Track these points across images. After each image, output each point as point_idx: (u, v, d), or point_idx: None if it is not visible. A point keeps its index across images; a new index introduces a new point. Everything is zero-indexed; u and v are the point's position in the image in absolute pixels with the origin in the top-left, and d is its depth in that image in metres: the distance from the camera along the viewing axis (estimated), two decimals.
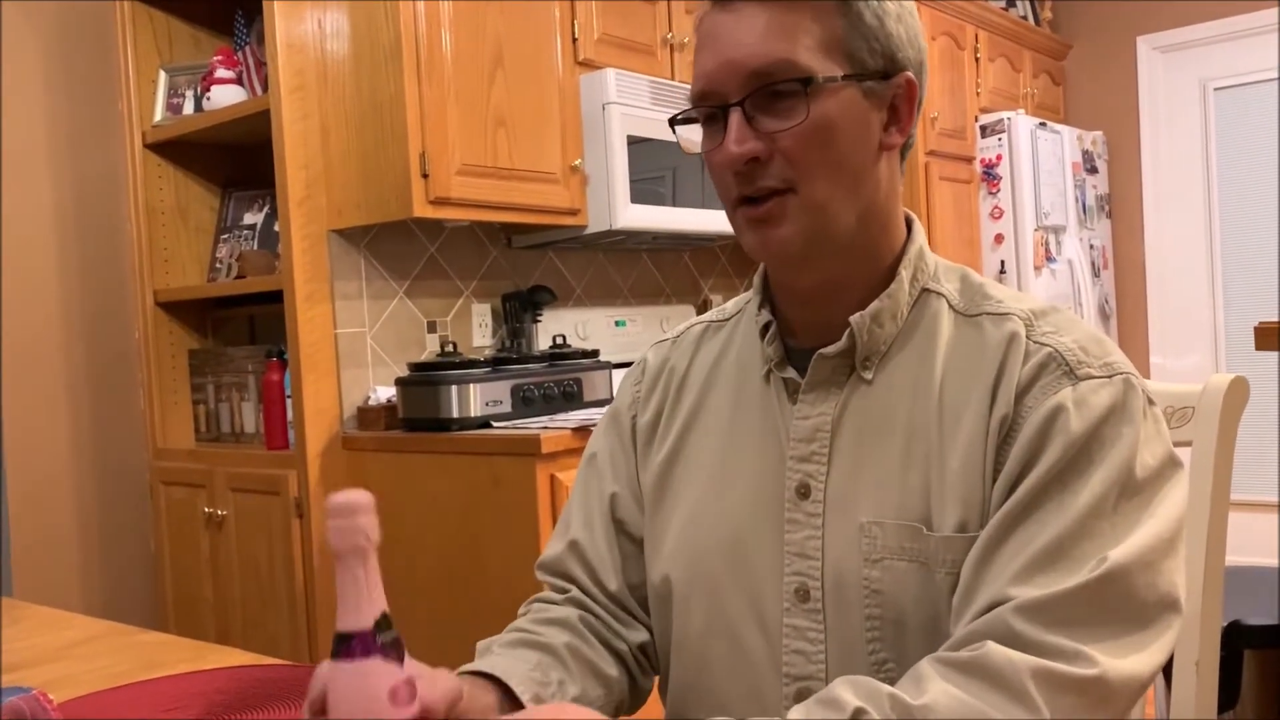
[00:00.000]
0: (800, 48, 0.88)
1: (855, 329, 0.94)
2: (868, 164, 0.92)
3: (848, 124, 0.90)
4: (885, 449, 0.92)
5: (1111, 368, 0.89)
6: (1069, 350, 0.89)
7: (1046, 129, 4.05)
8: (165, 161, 2.86)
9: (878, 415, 0.93)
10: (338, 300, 2.55)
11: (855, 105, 0.90)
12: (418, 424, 2.42)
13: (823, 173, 0.89)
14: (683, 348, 1.12)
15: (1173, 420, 1.15)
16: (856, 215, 0.92)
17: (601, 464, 1.12)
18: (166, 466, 2.81)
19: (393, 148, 2.39)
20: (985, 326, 0.93)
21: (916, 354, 0.94)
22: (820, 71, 0.88)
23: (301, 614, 2.48)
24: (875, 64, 0.91)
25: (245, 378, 2.75)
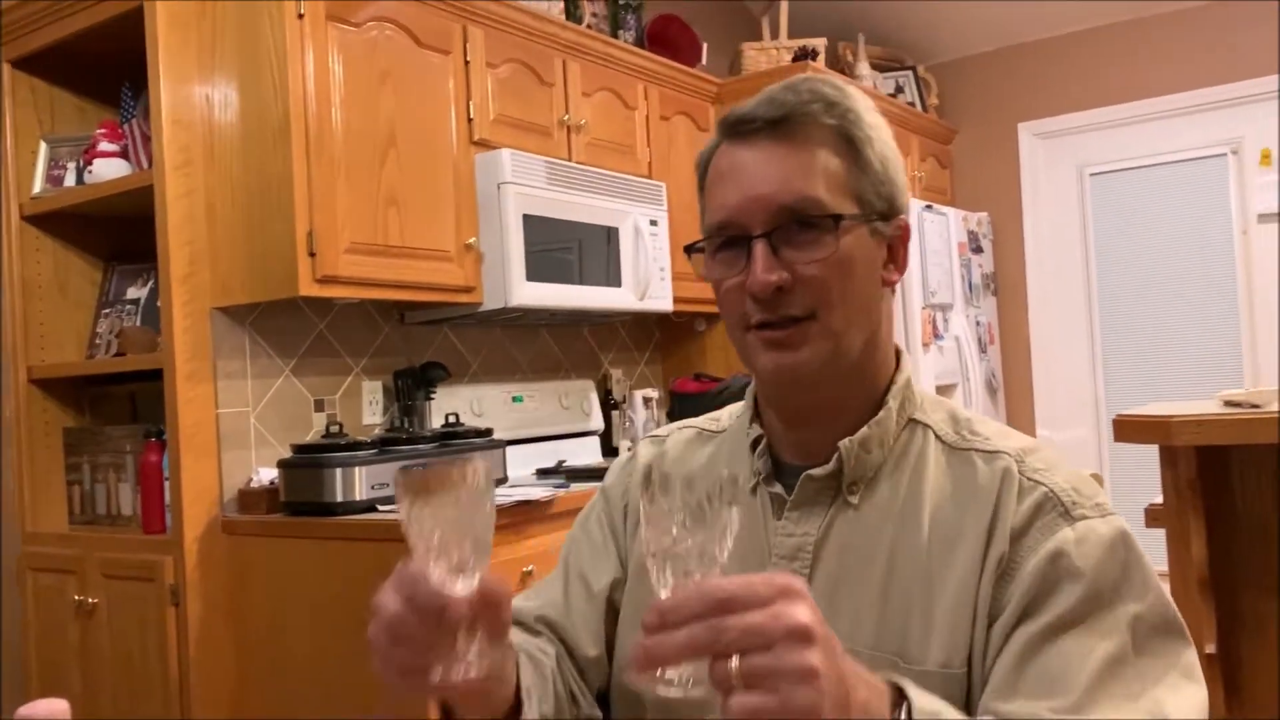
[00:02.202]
0: (821, 186, 0.94)
1: (844, 453, 0.96)
2: (875, 297, 0.98)
3: (862, 259, 0.96)
4: (866, 575, 0.94)
5: (1102, 509, 0.93)
6: (1063, 490, 0.92)
7: (933, 210, 4.19)
8: (44, 234, 2.77)
9: (861, 540, 0.95)
10: (220, 379, 2.49)
11: (866, 242, 0.96)
12: (300, 508, 2.36)
13: (841, 302, 0.94)
14: (673, 451, 1.14)
15: None
16: (861, 345, 0.97)
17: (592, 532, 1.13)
18: (35, 551, 2.68)
19: (279, 225, 2.36)
20: (976, 462, 0.96)
21: (903, 482, 0.97)
22: (838, 209, 0.94)
23: (175, 708, 2.37)
24: (880, 205, 0.97)
25: (123, 458, 2.65)
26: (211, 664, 2.40)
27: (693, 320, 3.86)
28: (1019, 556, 0.89)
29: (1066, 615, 0.86)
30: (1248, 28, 4.32)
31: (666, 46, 3.71)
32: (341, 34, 2.46)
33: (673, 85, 3.59)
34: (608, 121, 3.26)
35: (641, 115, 3.42)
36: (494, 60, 2.86)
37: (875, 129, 0.98)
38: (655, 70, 3.49)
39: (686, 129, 3.66)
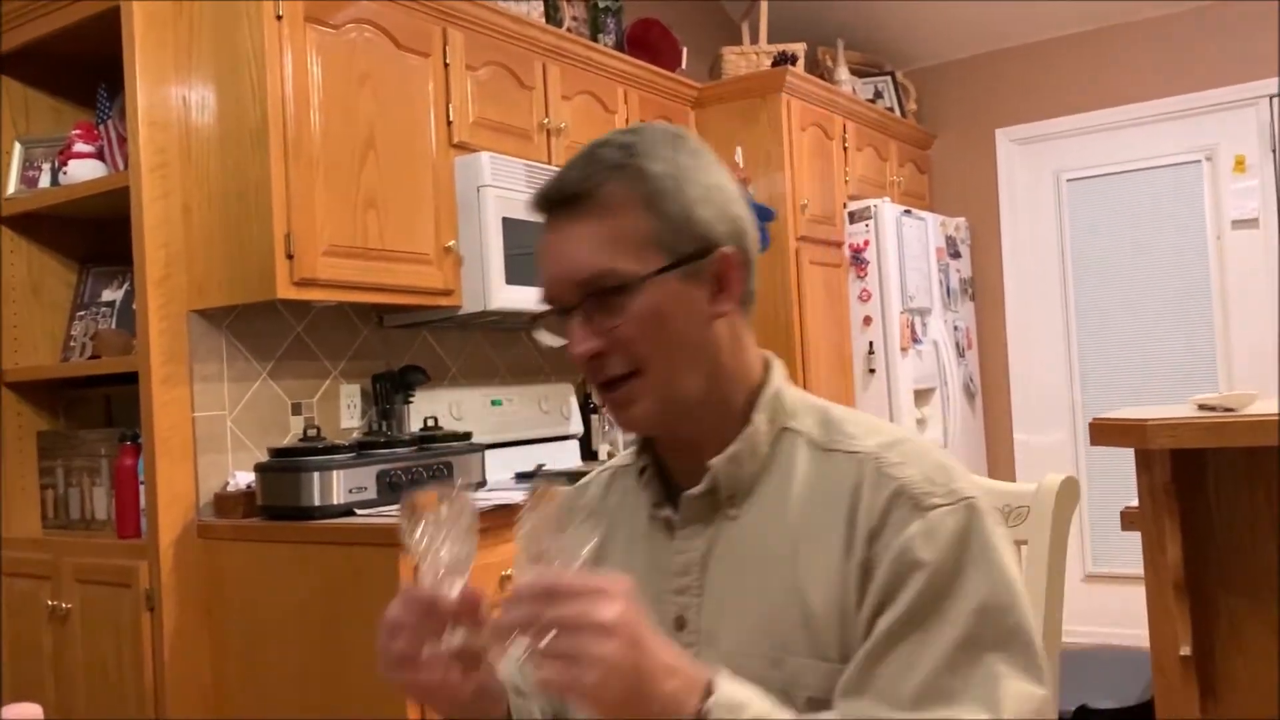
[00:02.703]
0: (617, 255, 0.98)
1: (714, 473, 1.02)
2: (701, 335, 1.01)
3: (673, 308, 0.99)
4: (749, 581, 1.00)
5: (956, 494, 0.95)
6: (915, 483, 0.95)
7: (912, 215, 4.21)
8: (18, 235, 2.75)
9: (742, 549, 1.01)
10: (197, 382, 2.47)
11: (677, 290, 0.99)
12: (277, 512, 2.34)
13: (660, 354, 0.99)
14: (593, 491, 1.19)
15: (1009, 519, 1.19)
16: (702, 379, 1.01)
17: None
18: (9, 556, 2.65)
19: (257, 227, 2.35)
20: (840, 463, 1.00)
21: (777, 490, 1.02)
22: (639, 270, 0.98)
23: (150, 714, 2.35)
24: (689, 249, 0.99)
25: (98, 462, 2.63)
26: (187, 669, 2.38)
27: None
28: (875, 554, 0.93)
29: (912, 609, 0.90)
30: (1223, 34, 4.37)
31: (646, 50, 3.72)
32: (320, 36, 2.44)
33: (652, 89, 3.60)
34: (588, 125, 3.26)
35: (621, 119, 3.42)
36: (474, 63, 2.86)
37: (672, 176, 0.99)
38: (635, 74, 3.49)
39: None
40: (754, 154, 3.76)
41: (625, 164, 0.99)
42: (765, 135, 3.75)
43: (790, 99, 3.78)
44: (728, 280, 1.01)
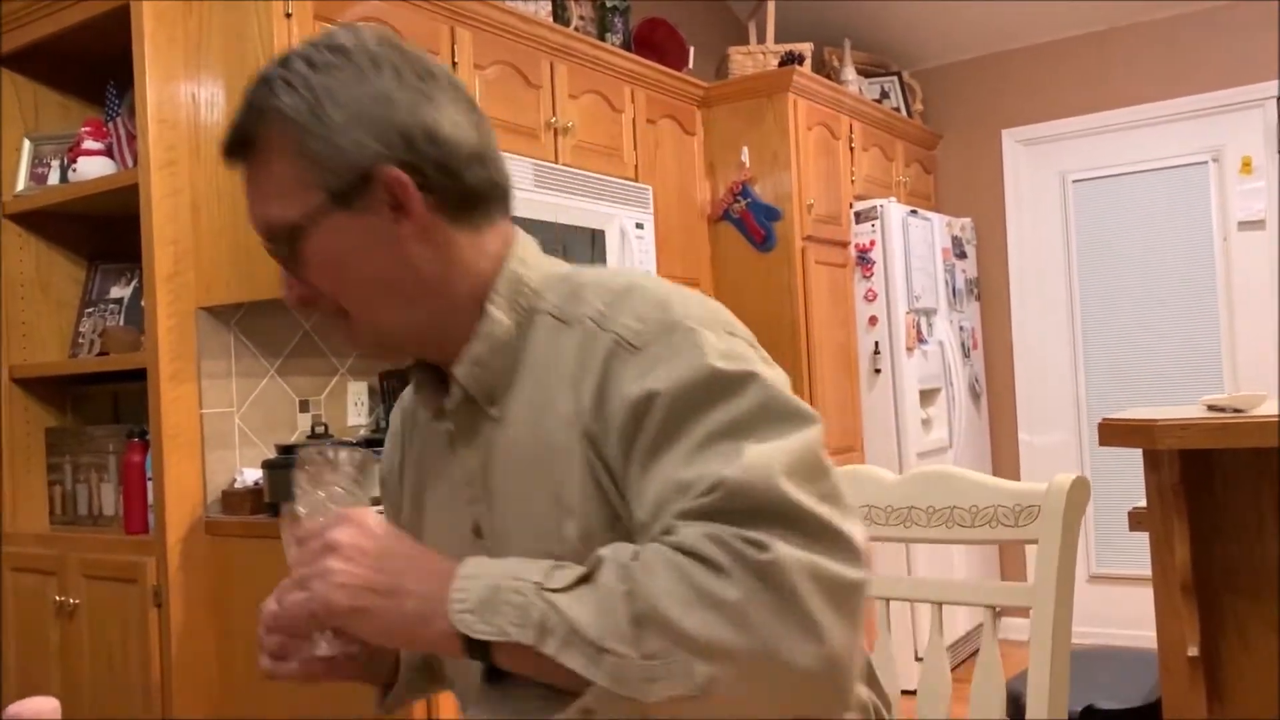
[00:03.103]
0: (277, 203, 0.94)
1: (459, 381, 0.98)
2: (393, 264, 0.95)
3: (350, 246, 0.94)
4: (524, 480, 0.96)
5: (669, 325, 0.90)
6: (629, 329, 0.91)
7: (918, 216, 4.21)
8: (26, 232, 2.76)
9: (511, 446, 0.97)
10: (204, 379, 2.48)
11: (348, 225, 0.93)
12: None
13: (353, 295, 0.96)
14: (405, 406, 1.19)
15: (1019, 518, 1.19)
16: (409, 305, 0.97)
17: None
18: (15, 551, 2.66)
19: None
20: (575, 334, 0.95)
21: (534, 379, 0.97)
22: (298, 215, 0.93)
23: (157, 711, 2.35)
24: (345, 180, 0.92)
25: (105, 458, 2.64)
26: (194, 666, 2.39)
27: None
28: (606, 418, 0.89)
29: (656, 436, 0.86)
30: (1230, 35, 4.36)
31: (653, 50, 3.72)
32: None
33: (659, 88, 3.60)
34: (594, 124, 3.26)
35: (628, 118, 3.42)
36: (481, 62, 2.86)
37: (308, 107, 0.92)
38: (642, 73, 3.50)
39: (673, 132, 3.66)
40: (760, 153, 3.76)
41: (264, 107, 0.93)
42: (772, 135, 3.75)
43: (797, 99, 3.78)
44: (403, 199, 0.93)
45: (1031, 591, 1.17)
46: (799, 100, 3.79)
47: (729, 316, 0.96)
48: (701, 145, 3.83)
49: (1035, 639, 1.16)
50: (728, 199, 3.77)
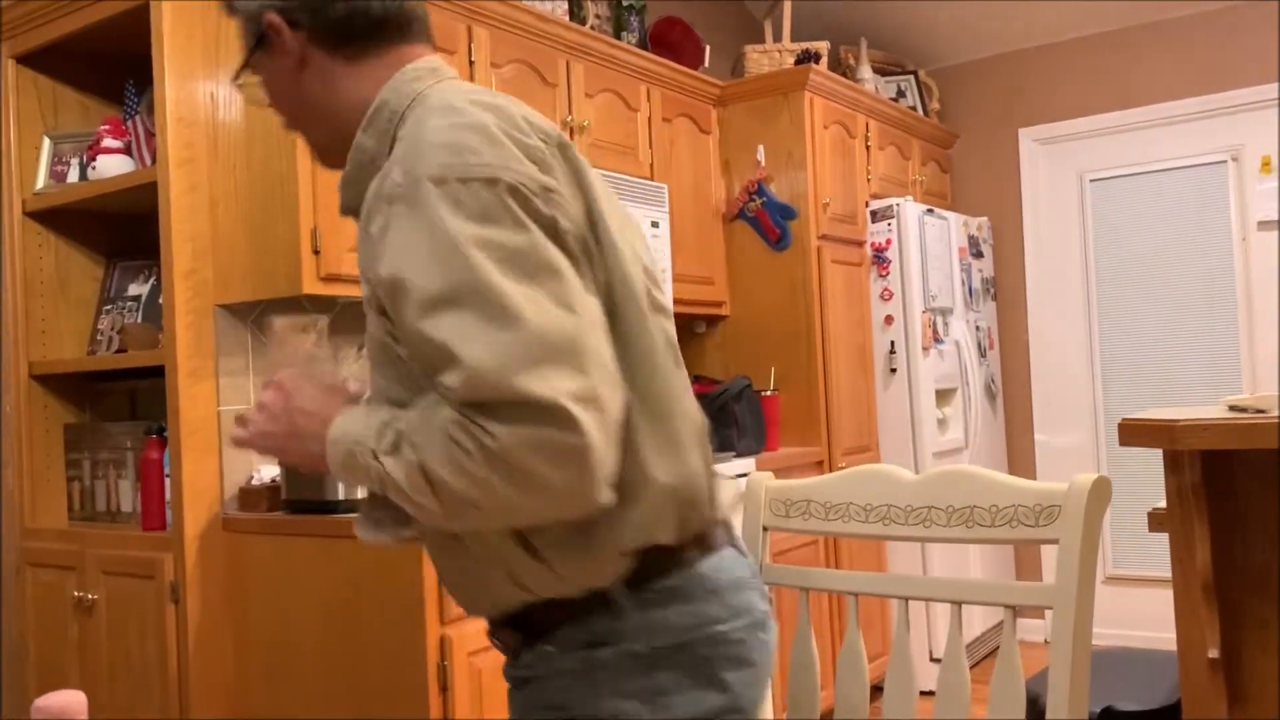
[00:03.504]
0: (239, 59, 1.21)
1: (341, 200, 1.19)
2: (298, 94, 1.19)
3: (268, 78, 1.20)
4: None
5: (413, 175, 1.02)
6: (389, 175, 1.05)
7: (934, 215, 4.19)
8: (46, 229, 2.77)
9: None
10: (222, 377, 2.49)
11: (265, 63, 1.19)
12: (301, 506, 2.36)
13: (286, 115, 1.22)
14: None
15: (1040, 518, 1.19)
16: (313, 121, 1.20)
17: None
18: (35, 547, 2.68)
19: (283, 223, 2.36)
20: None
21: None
22: (244, 58, 1.20)
23: (175, 707, 2.36)
24: (253, 30, 1.18)
25: (123, 455, 2.65)
26: (211, 662, 2.40)
27: (692, 322, 3.86)
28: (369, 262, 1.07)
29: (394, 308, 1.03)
30: (1248, 34, 4.33)
31: (669, 48, 3.71)
32: None
33: (675, 87, 3.59)
34: (610, 123, 3.26)
35: (644, 117, 3.42)
36: (498, 60, 2.86)
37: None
38: (658, 72, 3.49)
39: (689, 131, 3.66)
40: (776, 152, 3.76)
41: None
42: (787, 133, 3.75)
43: (813, 97, 3.77)
44: (276, 38, 1.16)
45: (1052, 591, 1.16)
46: (815, 99, 3.78)
47: (499, 152, 1.03)
48: (717, 144, 3.82)
49: (1056, 639, 1.15)
50: (743, 197, 3.76)
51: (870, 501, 1.33)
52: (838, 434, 3.73)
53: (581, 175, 1.10)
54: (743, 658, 1.09)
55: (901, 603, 1.30)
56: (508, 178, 1.01)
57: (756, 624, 1.11)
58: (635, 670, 1.06)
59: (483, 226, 0.99)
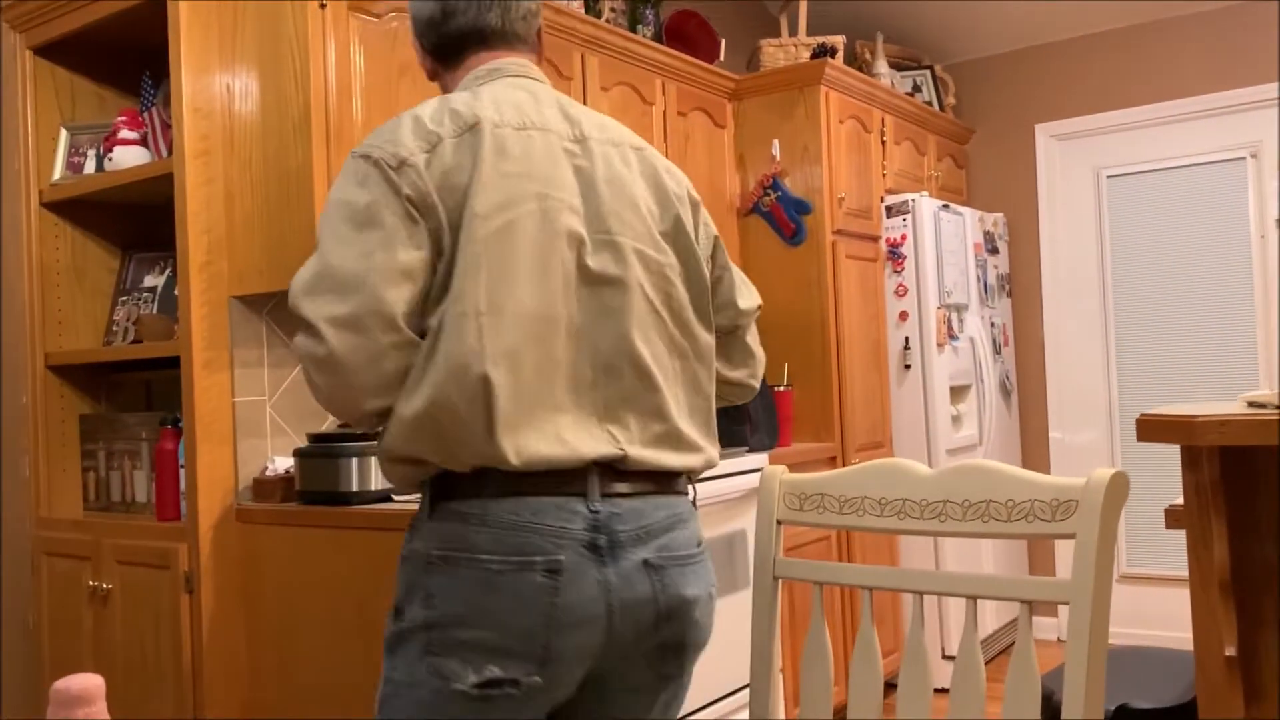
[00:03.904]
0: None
1: None
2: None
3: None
4: None
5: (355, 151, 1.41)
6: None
7: (949, 210, 4.18)
8: (62, 220, 2.78)
9: None
10: (237, 368, 2.49)
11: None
12: (316, 497, 2.36)
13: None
14: None
15: (1056, 513, 1.18)
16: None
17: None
18: (50, 536, 2.69)
19: (298, 215, 2.37)
20: None
21: None
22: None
23: (188, 698, 2.37)
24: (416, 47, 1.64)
25: (138, 445, 2.66)
26: (224, 652, 2.41)
27: None
28: None
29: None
30: (1268, 31, 4.30)
31: (685, 42, 3.71)
32: (363, 25, 2.46)
33: (690, 81, 3.59)
34: (625, 116, 3.26)
35: (659, 111, 3.41)
36: None
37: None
38: (673, 66, 3.49)
39: (704, 125, 3.65)
40: (791, 146, 3.75)
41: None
42: (803, 127, 3.73)
43: (829, 91, 3.76)
44: (421, 59, 1.62)
45: (1069, 587, 1.16)
46: (831, 93, 3.77)
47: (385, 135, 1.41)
48: (732, 138, 3.81)
49: (1073, 635, 1.14)
50: (758, 192, 3.75)
51: (885, 495, 1.32)
52: (851, 430, 3.72)
53: (477, 155, 1.37)
54: (496, 585, 1.29)
55: (916, 598, 1.29)
56: (375, 153, 1.37)
57: (527, 565, 1.30)
58: (419, 567, 1.35)
59: (343, 189, 1.37)
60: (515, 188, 1.37)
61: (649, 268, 1.43)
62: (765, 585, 1.41)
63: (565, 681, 1.33)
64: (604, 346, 1.38)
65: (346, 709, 2.26)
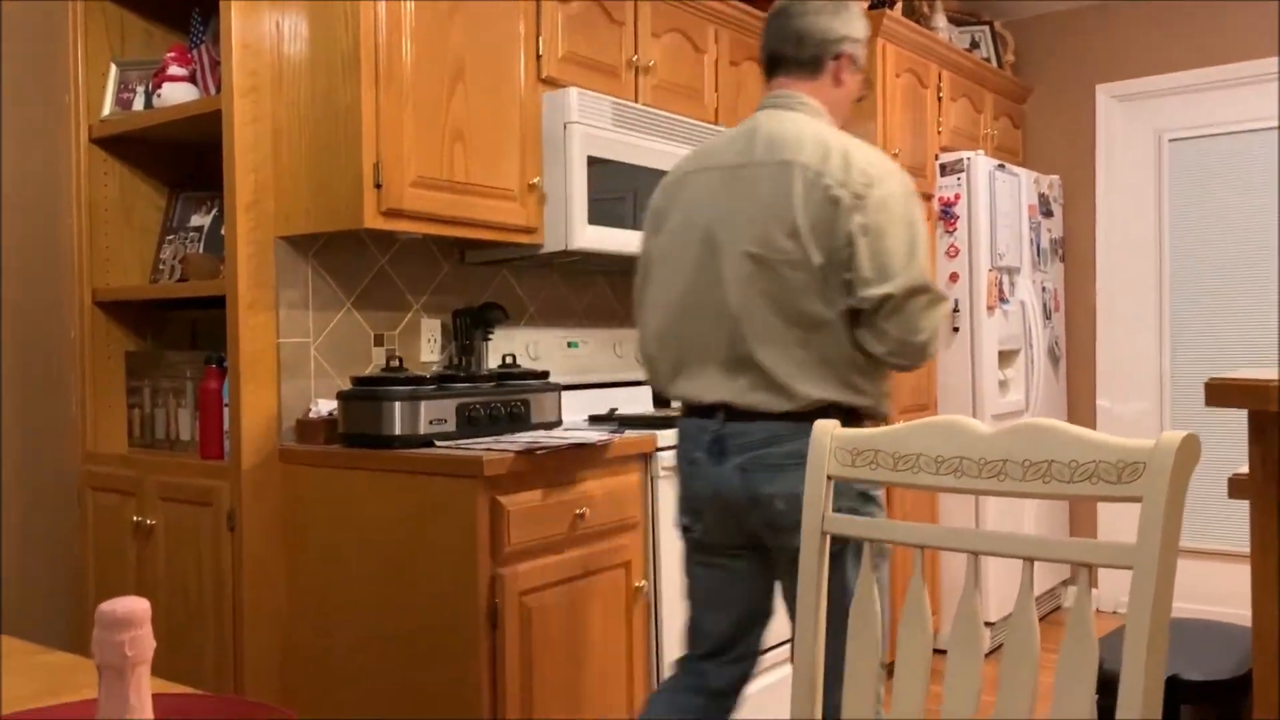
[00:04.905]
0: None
1: None
2: None
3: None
4: None
5: None
6: None
7: (1005, 170, 4.08)
8: (111, 157, 2.78)
9: None
10: (282, 309, 2.49)
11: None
12: (358, 440, 2.36)
13: None
14: None
15: (1123, 475, 1.14)
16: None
17: None
18: (96, 471, 2.72)
19: (346, 156, 2.34)
20: None
21: None
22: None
23: (229, 634, 2.40)
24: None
25: (183, 383, 2.67)
26: (264, 590, 2.42)
27: None
28: None
29: None
30: None
31: None
32: None
33: (744, 30, 3.51)
34: (676, 64, 3.19)
35: (710, 59, 3.34)
36: None
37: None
38: (727, 14, 3.41)
39: (755, 75, 3.57)
40: None
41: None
42: None
43: (885, 43, 3.66)
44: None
45: (1134, 551, 1.11)
46: (888, 45, 3.68)
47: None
48: None
49: (1135, 602, 1.10)
50: None
51: (942, 453, 1.28)
52: (896, 391, 3.66)
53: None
54: (679, 468, 2.09)
55: (971, 558, 1.26)
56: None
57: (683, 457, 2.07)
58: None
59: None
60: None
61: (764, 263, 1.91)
62: (813, 541, 1.38)
63: (715, 534, 2.03)
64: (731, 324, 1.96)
65: (384, 648, 2.27)
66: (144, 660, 0.62)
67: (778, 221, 1.89)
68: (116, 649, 0.61)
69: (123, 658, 0.61)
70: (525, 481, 2.23)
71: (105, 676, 0.61)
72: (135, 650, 0.61)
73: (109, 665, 0.61)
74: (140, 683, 0.62)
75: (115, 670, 0.61)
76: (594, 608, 2.39)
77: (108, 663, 0.61)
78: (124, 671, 0.61)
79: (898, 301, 1.86)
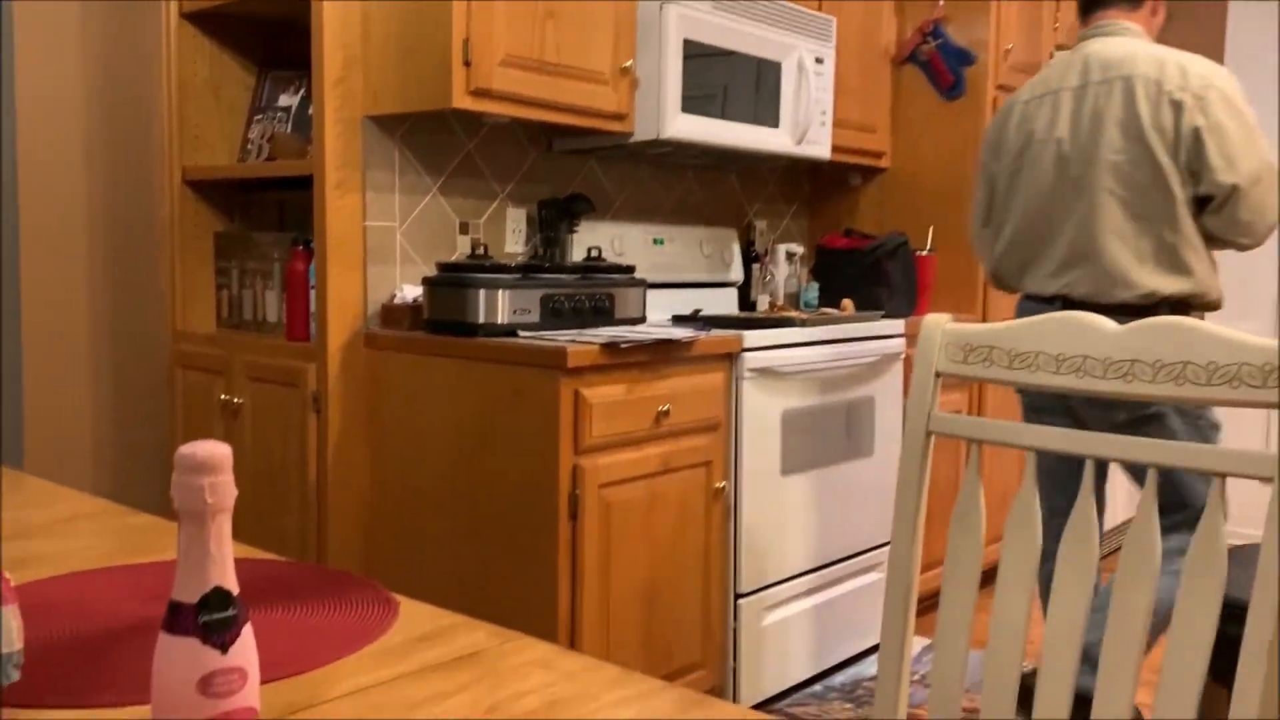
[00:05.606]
0: None
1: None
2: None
3: None
4: None
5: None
6: None
7: None
8: (201, 34, 2.74)
9: None
10: (369, 191, 2.45)
11: None
12: (442, 326, 2.33)
13: None
14: None
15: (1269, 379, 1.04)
16: None
17: None
18: (186, 350, 2.74)
19: (435, 33, 2.27)
20: None
21: None
22: None
23: (312, 511, 2.42)
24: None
25: (270, 265, 2.67)
26: (348, 472, 2.43)
27: (847, 173, 3.66)
28: None
29: None
30: None
31: None
32: None
33: None
34: None
35: None
36: None
37: None
38: None
39: None
40: None
41: None
42: None
43: None
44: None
45: (1275, 462, 1.02)
46: None
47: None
48: None
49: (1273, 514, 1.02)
50: (916, 39, 3.49)
51: (1064, 351, 1.19)
52: (995, 303, 3.53)
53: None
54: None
55: (1093, 464, 1.17)
56: None
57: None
58: None
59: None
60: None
61: (1114, 166, 2.20)
62: (917, 439, 1.30)
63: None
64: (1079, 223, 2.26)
65: (465, 534, 2.28)
66: (224, 509, 0.58)
67: (1124, 128, 2.18)
68: (196, 493, 0.57)
69: (203, 504, 0.57)
70: (608, 375, 2.18)
71: (184, 523, 0.57)
72: (215, 497, 0.57)
73: (188, 511, 0.57)
74: (221, 531, 0.58)
75: (195, 516, 0.57)
76: (673, 506, 2.36)
77: (187, 508, 0.57)
78: (204, 518, 0.57)
79: (1246, 186, 2.12)
